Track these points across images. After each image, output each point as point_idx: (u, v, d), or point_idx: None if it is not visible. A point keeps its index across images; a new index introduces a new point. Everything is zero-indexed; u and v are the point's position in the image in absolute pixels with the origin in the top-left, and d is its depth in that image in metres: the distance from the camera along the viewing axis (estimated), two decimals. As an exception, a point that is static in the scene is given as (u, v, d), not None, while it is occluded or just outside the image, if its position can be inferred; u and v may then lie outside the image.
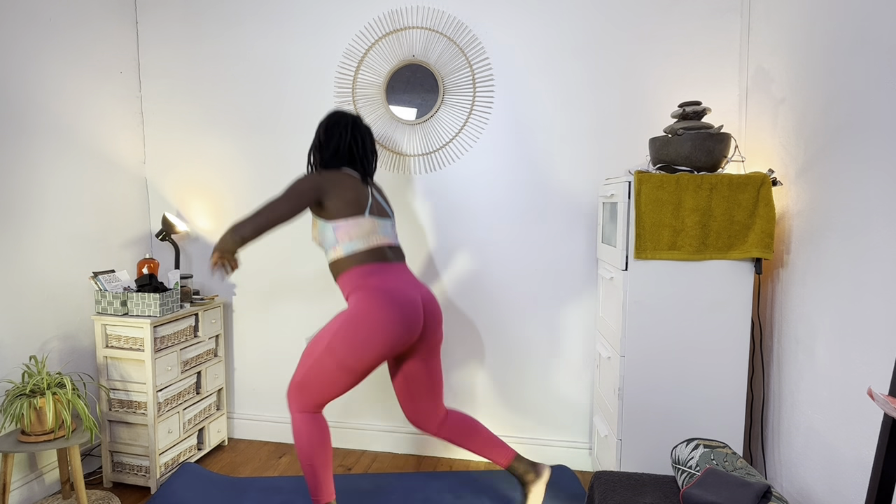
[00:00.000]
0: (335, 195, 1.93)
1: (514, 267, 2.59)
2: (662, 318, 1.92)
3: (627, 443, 1.98)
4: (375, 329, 1.85)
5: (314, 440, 1.95)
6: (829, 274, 1.65)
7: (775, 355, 1.98)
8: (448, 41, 2.54)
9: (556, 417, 2.63)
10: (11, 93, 2.18)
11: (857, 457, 1.49)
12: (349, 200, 1.94)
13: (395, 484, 2.44)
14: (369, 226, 1.96)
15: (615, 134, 2.45)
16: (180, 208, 2.89)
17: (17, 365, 2.21)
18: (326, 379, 1.90)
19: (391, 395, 2.77)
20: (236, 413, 2.93)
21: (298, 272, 2.79)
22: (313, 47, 2.67)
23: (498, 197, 2.58)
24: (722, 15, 2.31)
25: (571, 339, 2.58)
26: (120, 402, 2.38)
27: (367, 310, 1.86)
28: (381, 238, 1.99)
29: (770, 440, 1.99)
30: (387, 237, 2.02)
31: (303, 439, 1.95)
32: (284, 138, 2.74)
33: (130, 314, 2.36)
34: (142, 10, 2.80)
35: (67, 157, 2.43)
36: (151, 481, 2.36)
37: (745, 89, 2.28)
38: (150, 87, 2.84)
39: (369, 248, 1.95)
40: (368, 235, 1.96)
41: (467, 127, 2.56)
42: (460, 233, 2.63)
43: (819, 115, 1.72)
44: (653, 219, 1.87)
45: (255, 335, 2.87)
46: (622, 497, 1.60)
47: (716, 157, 1.92)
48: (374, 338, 1.85)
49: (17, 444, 1.99)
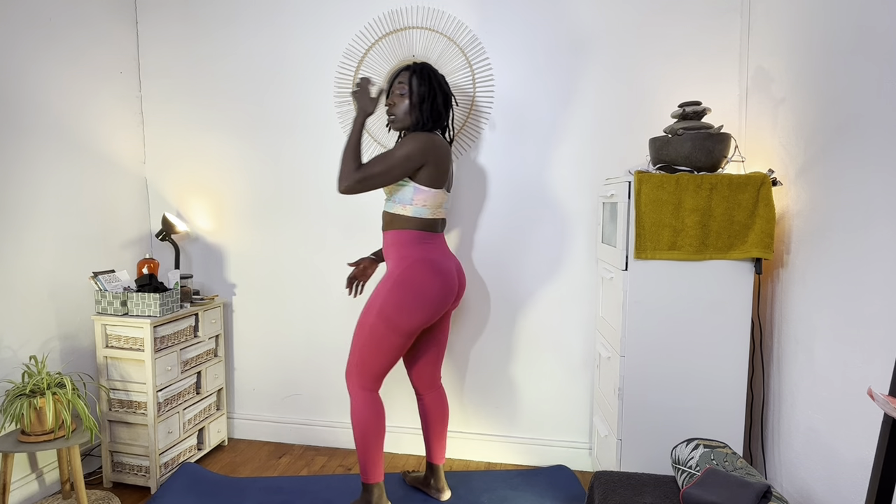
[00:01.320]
0: (435, 165, 1.99)
1: (514, 267, 2.59)
2: (662, 318, 1.92)
3: (627, 443, 1.98)
4: (423, 293, 1.98)
5: (370, 419, 2.06)
6: (829, 274, 1.65)
7: (775, 355, 1.98)
8: (448, 41, 2.54)
9: (556, 417, 2.63)
10: (11, 93, 2.18)
11: (857, 457, 1.49)
12: (442, 174, 2.02)
13: (396, 484, 2.44)
14: (441, 199, 2.07)
15: (615, 134, 2.45)
16: (180, 208, 2.89)
17: (17, 365, 2.21)
18: (382, 345, 2.01)
19: (391, 396, 2.77)
20: (236, 413, 2.93)
21: (299, 272, 2.79)
22: (313, 47, 2.67)
23: (497, 197, 2.58)
24: (722, 15, 2.31)
25: (571, 339, 2.58)
26: (120, 402, 2.38)
27: (414, 276, 1.99)
28: (443, 211, 2.12)
29: (770, 440, 1.99)
30: (445, 211, 2.15)
31: (361, 417, 2.06)
32: (284, 138, 2.74)
33: (130, 314, 2.36)
34: (142, 10, 2.80)
35: (67, 157, 2.43)
36: (151, 481, 2.36)
37: (745, 89, 2.28)
38: (150, 87, 2.84)
39: (432, 218, 2.07)
40: (437, 207, 2.07)
41: (467, 127, 2.56)
42: (460, 232, 2.63)
43: (819, 115, 1.72)
44: (653, 219, 1.87)
45: (255, 335, 2.87)
46: (622, 497, 1.60)
47: (716, 157, 1.92)
48: (421, 301, 1.98)
49: (17, 444, 1.99)
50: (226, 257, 2.86)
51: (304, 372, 2.84)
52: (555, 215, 2.54)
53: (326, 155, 2.70)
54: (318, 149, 2.71)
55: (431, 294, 1.99)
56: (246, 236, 2.83)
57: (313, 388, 2.84)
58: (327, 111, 2.68)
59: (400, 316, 1.98)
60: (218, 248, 2.87)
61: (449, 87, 2.11)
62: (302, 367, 2.84)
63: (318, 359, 2.82)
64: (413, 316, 1.98)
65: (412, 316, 1.98)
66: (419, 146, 1.93)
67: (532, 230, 2.56)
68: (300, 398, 2.86)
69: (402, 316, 1.98)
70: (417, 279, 1.98)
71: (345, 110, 2.66)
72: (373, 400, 2.08)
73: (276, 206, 2.78)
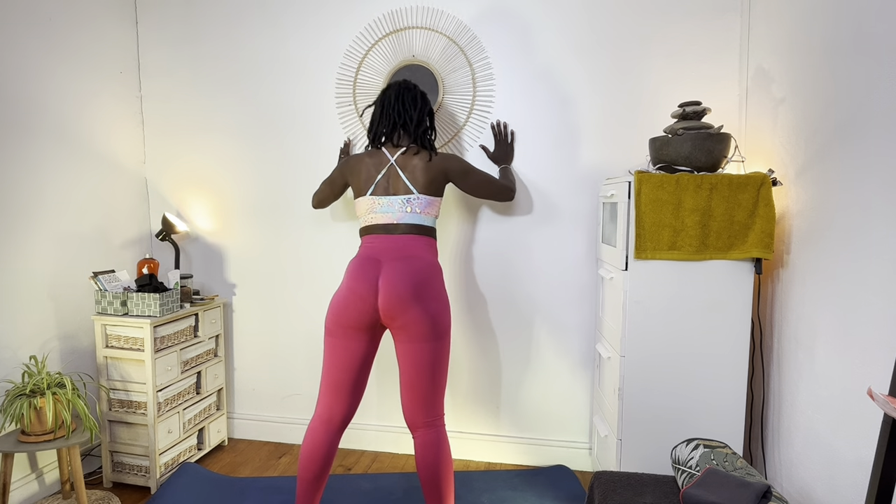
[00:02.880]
0: (351, 179, 2.12)
1: (514, 267, 2.59)
2: (662, 318, 1.92)
3: (627, 443, 1.98)
4: (336, 293, 1.96)
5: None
6: (829, 274, 1.65)
7: (775, 355, 1.98)
8: (448, 41, 2.54)
9: (556, 417, 2.63)
10: (11, 92, 2.18)
11: (857, 457, 1.49)
12: (355, 185, 2.09)
13: (396, 484, 2.44)
14: (366, 206, 2.04)
15: (615, 134, 2.45)
16: (180, 208, 2.89)
17: (17, 365, 2.21)
18: (324, 349, 1.96)
19: (390, 396, 2.77)
20: (236, 413, 2.93)
21: (299, 272, 2.79)
22: (313, 47, 2.67)
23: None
24: (722, 15, 2.31)
25: (571, 338, 2.58)
26: (120, 402, 2.38)
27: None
28: (378, 217, 2.02)
29: (770, 440, 1.99)
30: (386, 216, 2.01)
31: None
32: (284, 138, 2.74)
33: (130, 314, 2.36)
34: (142, 10, 2.80)
35: (67, 157, 2.43)
36: (151, 481, 2.36)
37: (745, 89, 2.28)
38: (150, 87, 2.84)
39: (365, 225, 2.06)
40: (365, 214, 2.05)
41: (467, 126, 2.56)
42: (460, 232, 2.63)
43: (819, 115, 1.72)
44: (653, 219, 1.87)
45: (255, 335, 2.87)
46: (622, 497, 1.60)
47: (716, 157, 1.92)
48: (332, 300, 1.95)
49: (17, 444, 1.99)
50: (226, 257, 2.86)
51: (304, 372, 2.84)
52: (555, 215, 2.53)
53: (326, 155, 2.70)
54: (318, 149, 2.71)
55: (336, 295, 1.93)
56: (246, 236, 2.83)
57: (313, 388, 2.84)
58: (328, 111, 2.68)
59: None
60: (218, 248, 2.87)
61: (383, 95, 2.08)
62: (302, 367, 2.84)
63: (318, 359, 2.82)
64: (328, 311, 1.95)
65: (328, 311, 1.95)
66: (336, 167, 2.19)
67: (532, 230, 2.56)
68: (300, 398, 2.86)
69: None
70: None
71: (345, 111, 2.66)
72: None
73: (276, 205, 2.78)
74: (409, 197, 1.99)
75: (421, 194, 2.00)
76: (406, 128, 2.05)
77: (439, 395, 1.93)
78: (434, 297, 1.90)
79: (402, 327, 1.87)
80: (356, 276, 1.90)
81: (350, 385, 1.93)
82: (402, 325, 1.86)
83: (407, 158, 2.01)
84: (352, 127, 2.66)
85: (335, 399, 1.93)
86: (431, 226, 2.04)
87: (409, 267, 1.90)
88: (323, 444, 1.92)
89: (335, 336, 1.91)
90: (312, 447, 1.92)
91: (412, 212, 1.99)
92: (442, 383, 1.93)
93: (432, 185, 2.02)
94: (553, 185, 2.52)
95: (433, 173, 2.01)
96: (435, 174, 2.02)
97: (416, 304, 1.85)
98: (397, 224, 1.99)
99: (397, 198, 1.99)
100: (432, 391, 1.91)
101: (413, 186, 1.99)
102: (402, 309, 1.85)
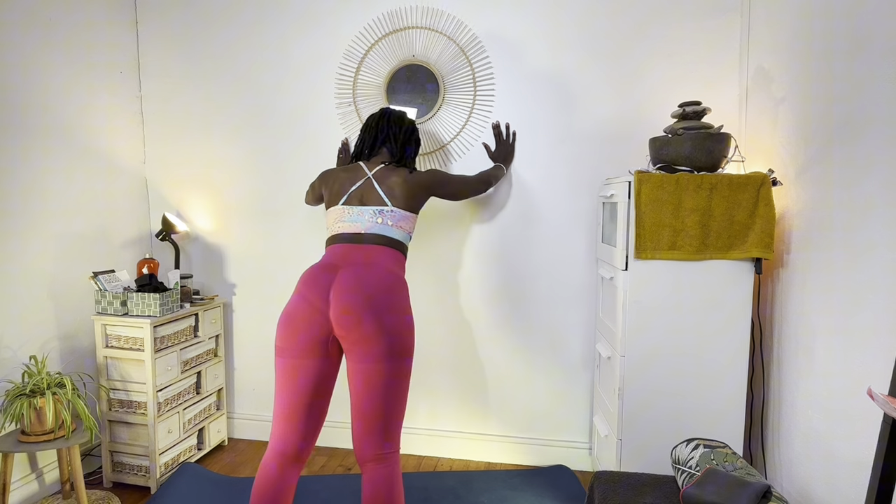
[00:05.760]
0: (324, 189, 2.06)
1: (514, 266, 2.59)
2: (662, 318, 1.92)
3: (627, 443, 1.98)
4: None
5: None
6: (829, 274, 1.65)
7: (775, 355, 1.98)
8: (448, 41, 2.54)
9: (555, 417, 2.63)
10: (11, 93, 2.18)
11: (857, 457, 1.49)
12: (328, 195, 2.01)
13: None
14: (335, 215, 1.93)
15: (615, 134, 2.45)
16: (180, 208, 2.89)
17: (17, 365, 2.21)
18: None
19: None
20: (236, 413, 2.93)
21: (299, 272, 2.79)
22: (313, 48, 2.67)
23: (498, 196, 2.58)
24: (722, 15, 2.31)
25: (571, 338, 2.58)
26: (120, 402, 2.38)
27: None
28: (344, 226, 1.90)
29: (770, 440, 1.99)
30: (354, 225, 1.89)
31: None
32: (284, 138, 2.74)
33: (130, 314, 2.36)
34: (142, 10, 2.80)
35: (67, 157, 2.43)
36: (151, 481, 2.36)
37: (745, 89, 2.28)
38: (150, 87, 2.84)
39: (331, 234, 1.93)
40: (333, 223, 1.92)
41: (468, 126, 2.56)
42: (460, 232, 2.63)
43: (819, 115, 1.72)
44: (653, 219, 1.87)
45: (255, 335, 2.87)
46: (622, 497, 1.60)
47: (716, 157, 1.92)
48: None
49: (17, 444, 1.99)
50: (226, 257, 2.86)
51: (304, 372, 2.84)
52: (555, 215, 2.53)
53: (326, 155, 2.70)
54: (318, 149, 2.71)
55: (286, 306, 1.74)
56: (246, 236, 2.83)
57: (313, 388, 2.84)
58: (328, 111, 2.68)
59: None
60: (218, 248, 2.87)
61: (369, 118, 2.08)
62: (302, 367, 2.84)
63: (318, 359, 2.82)
64: (277, 327, 1.74)
65: (277, 327, 1.74)
66: (319, 174, 2.16)
67: (532, 230, 2.56)
68: (300, 398, 2.86)
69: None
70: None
71: (345, 111, 2.66)
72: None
73: (277, 205, 2.78)
74: (381, 208, 1.87)
75: (395, 208, 1.88)
76: (388, 144, 2.02)
77: (394, 424, 1.69)
78: (393, 310, 1.68)
79: (355, 342, 1.65)
80: (308, 282, 1.71)
81: (303, 411, 1.67)
82: (355, 339, 1.64)
83: (386, 173, 1.92)
84: (351, 127, 2.66)
85: (288, 428, 1.68)
86: (401, 241, 1.90)
87: (368, 273, 1.70)
88: (274, 481, 1.65)
89: (284, 355, 1.69)
90: (264, 485, 1.65)
91: (383, 223, 1.85)
92: (398, 411, 1.69)
93: (411, 199, 1.92)
94: (553, 184, 2.52)
95: (413, 188, 1.93)
96: (415, 189, 1.93)
97: (371, 315, 1.63)
98: (364, 234, 1.84)
99: (369, 208, 1.87)
100: (384, 420, 1.66)
101: (388, 199, 1.88)
102: (355, 320, 1.63)
